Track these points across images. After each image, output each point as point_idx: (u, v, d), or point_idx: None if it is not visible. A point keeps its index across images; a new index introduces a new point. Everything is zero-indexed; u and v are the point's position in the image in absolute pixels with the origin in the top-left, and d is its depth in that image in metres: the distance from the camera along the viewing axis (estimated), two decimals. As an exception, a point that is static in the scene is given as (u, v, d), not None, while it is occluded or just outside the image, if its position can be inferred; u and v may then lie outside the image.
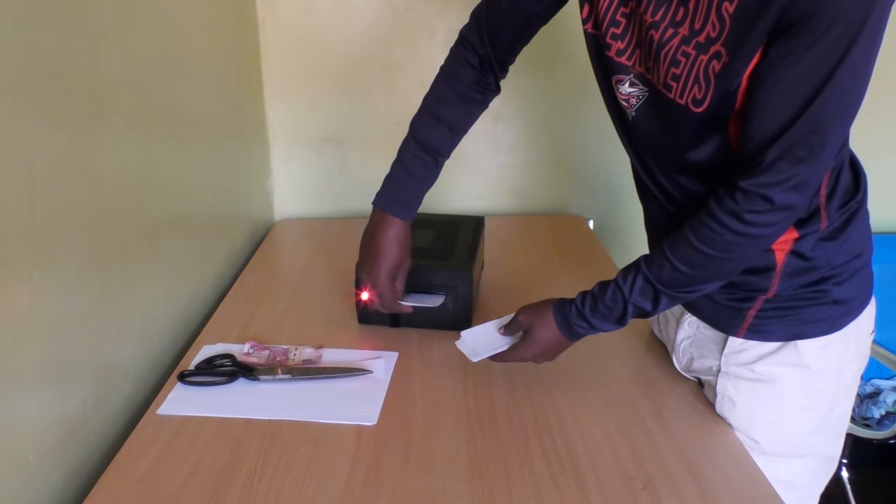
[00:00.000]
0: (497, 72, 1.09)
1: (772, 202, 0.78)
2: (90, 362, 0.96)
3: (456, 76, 1.09)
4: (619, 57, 0.89)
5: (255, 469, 0.91)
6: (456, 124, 1.11)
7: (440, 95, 1.11)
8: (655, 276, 0.88)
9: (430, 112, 1.10)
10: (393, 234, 1.10)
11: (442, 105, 1.10)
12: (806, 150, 0.76)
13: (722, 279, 0.89)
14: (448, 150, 1.12)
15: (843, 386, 0.98)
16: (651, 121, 0.90)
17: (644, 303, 0.90)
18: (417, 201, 1.13)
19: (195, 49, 1.35)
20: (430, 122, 1.10)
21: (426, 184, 1.12)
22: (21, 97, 0.79)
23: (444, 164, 1.13)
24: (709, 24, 0.78)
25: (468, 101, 1.10)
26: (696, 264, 0.86)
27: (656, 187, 0.96)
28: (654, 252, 0.90)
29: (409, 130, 1.11)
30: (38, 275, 0.83)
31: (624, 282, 0.91)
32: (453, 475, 0.90)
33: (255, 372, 1.10)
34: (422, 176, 1.11)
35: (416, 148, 1.10)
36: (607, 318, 0.93)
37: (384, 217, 1.11)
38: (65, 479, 0.90)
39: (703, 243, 0.84)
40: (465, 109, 1.11)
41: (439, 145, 1.10)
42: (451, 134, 1.11)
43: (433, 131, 1.10)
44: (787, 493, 0.92)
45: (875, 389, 1.88)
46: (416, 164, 1.10)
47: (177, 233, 1.26)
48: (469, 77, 1.08)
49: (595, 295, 0.94)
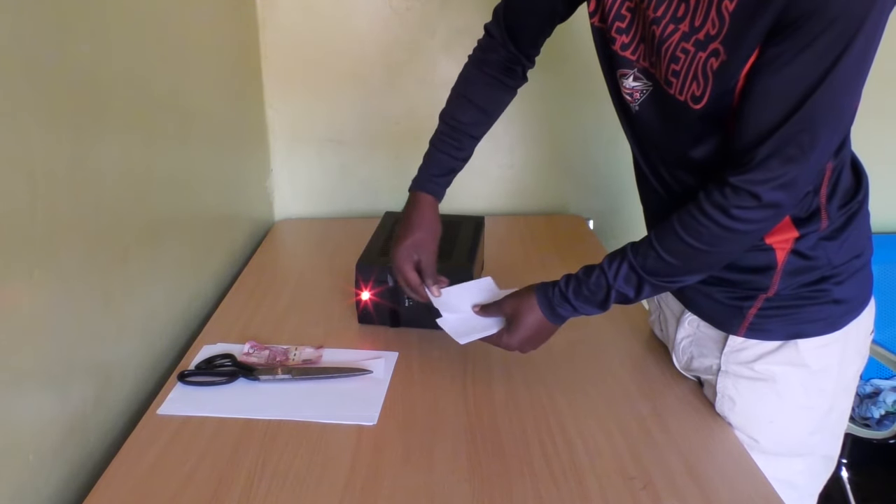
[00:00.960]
0: (524, 62, 1.11)
1: (759, 199, 0.79)
2: (90, 362, 0.96)
3: (484, 61, 1.11)
4: (623, 51, 0.90)
5: (255, 469, 0.91)
6: (485, 105, 1.11)
7: (467, 78, 1.12)
8: (640, 265, 0.89)
9: (460, 95, 1.12)
10: (416, 211, 1.11)
11: (471, 87, 1.11)
12: (796, 150, 0.76)
13: (705, 272, 0.90)
14: (478, 131, 1.12)
15: (842, 385, 0.98)
16: (654, 115, 0.91)
17: (627, 289, 0.91)
18: (446, 179, 1.13)
19: (195, 49, 1.35)
20: (459, 103, 1.11)
21: (455, 162, 1.12)
22: (21, 97, 0.79)
23: (476, 147, 1.13)
24: (708, 22, 0.78)
25: (497, 84, 1.11)
26: (681, 255, 0.86)
27: (657, 181, 0.97)
28: (641, 240, 0.91)
29: (440, 119, 1.12)
30: (38, 275, 0.83)
31: (609, 267, 0.91)
32: (453, 475, 0.90)
33: (255, 372, 1.10)
34: (450, 153, 1.11)
35: (446, 129, 1.11)
36: (589, 302, 0.93)
37: (412, 196, 1.13)
38: (65, 479, 0.90)
39: (690, 235, 0.84)
40: (493, 91, 1.11)
41: (468, 124, 1.11)
42: (481, 114, 1.11)
43: (462, 112, 1.11)
44: (787, 493, 0.91)
45: (875, 389, 1.88)
46: (444, 143, 1.11)
47: (177, 233, 1.26)
48: (496, 61, 1.10)
49: (579, 278, 0.94)
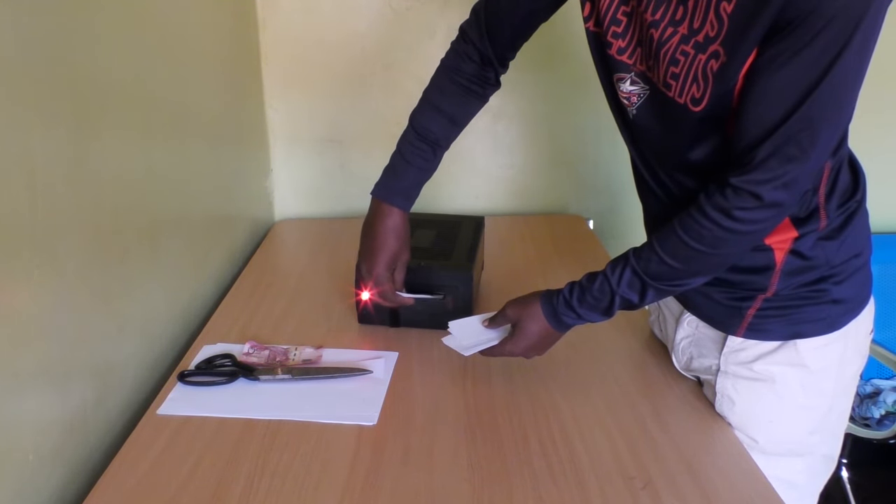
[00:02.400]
0: (497, 67, 1.09)
1: (760, 199, 0.79)
2: (90, 362, 0.96)
3: (456, 69, 1.09)
4: (620, 55, 0.90)
5: (255, 469, 0.91)
6: (455, 116, 1.11)
7: (440, 87, 1.11)
8: (643, 269, 0.89)
9: (430, 103, 1.11)
10: (391, 224, 1.10)
11: (441, 96, 1.10)
12: (797, 149, 0.76)
13: (709, 274, 0.90)
14: (447, 141, 1.12)
15: (842, 385, 0.98)
16: (652, 119, 0.90)
17: (631, 295, 0.90)
18: (416, 192, 1.12)
19: (195, 49, 1.35)
20: (429, 112, 1.10)
21: (425, 174, 1.12)
22: (21, 97, 0.79)
23: (445, 159, 1.13)
24: (707, 24, 0.78)
25: (468, 93, 1.10)
26: (683, 258, 0.86)
27: (657, 184, 0.97)
28: (643, 245, 0.90)
29: (409, 122, 1.11)
30: (38, 275, 0.83)
31: (612, 273, 0.91)
32: (453, 475, 0.90)
33: (255, 372, 1.10)
34: (420, 166, 1.10)
35: (415, 138, 1.10)
36: (594, 309, 0.93)
37: (382, 207, 1.11)
38: (65, 479, 0.90)
39: (692, 238, 0.84)
40: (464, 101, 1.11)
41: (438, 135, 1.10)
42: (451, 125, 1.11)
43: (432, 121, 1.10)
44: (788, 493, 0.92)
45: (875, 389, 1.88)
46: (415, 154, 1.10)
47: (177, 233, 1.26)
48: (469, 70, 1.09)
49: (583, 285, 0.94)
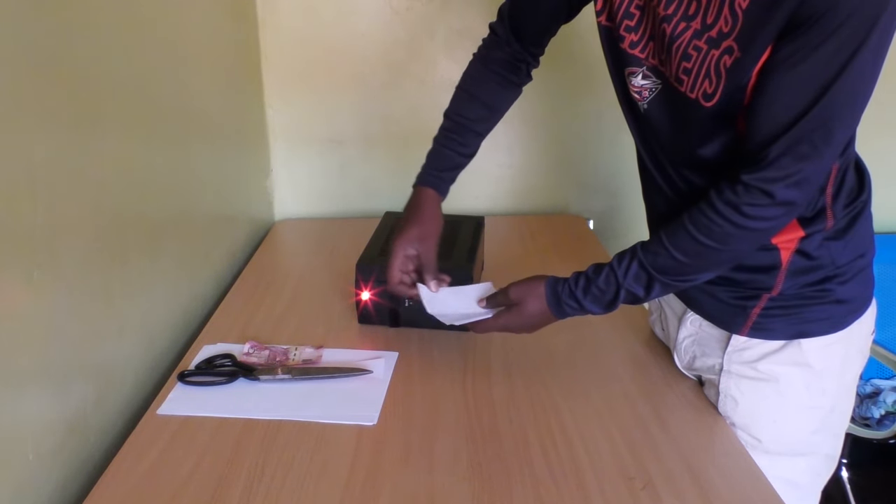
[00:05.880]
0: (529, 60, 1.10)
1: (772, 197, 0.79)
2: (90, 362, 0.96)
3: (489, 58, 1.11)
4: (632, 49, 0.89)
5: (255, 469, 0.91)
6: (490, 102, 1.11)
7: (473, 76, 1.12)
8: (651, 263, 0.88)
9: (465, 91, 1.12)
10: (421, 204, 1.10)
11: (476, 84, 1.11)
12: (810, 147, 0.76)
13: (716, 270, 0.89)
14: (483, 126, 1.12)
15: (844, 385, 0.98)
16: (663, 114, 0.90)
17: (637, 288, 0.90)
18: (451, 174, 1.12)
19: (195, 49, 1.35)
20: (464, 100, 1.11)
21: (461, 157, 1.11)
22: (21, 97, 0.79)
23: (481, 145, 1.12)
24: (721, 19, 0.78)
25: (502, 80, 1.11)
26: (692, 253, 0.86)
27: (664, 179, 0.96)
28: (651, 239, 0.90)
29: (444, 116, 1.12)
30: (38, 275, 0.83)
31: (619, 266, 0.90)
32: (453, 475, 0.90)
33: (255, 372, 1.10)
34: (456, 149, 1.11)
35: (450, 125, 1.11)
36: (598, 301, 0.93)
37: (415, 191, 1.12)
38: (65, 479, 0.90)
39: (702, 233, 0.84)
40: (499, 88, 1.11)
41: (473, 120, 1.10)
42: (486, 110, 1.11)
43: (467, 108, 1.10)
44: (791, 492, 0.92)
45: (875, 389, 1.88)
46: (451, 139, 1.11)
47: (177, 233, 1.26)
48: (502, 60, 1.10)
49: (589, 277, 0.93)
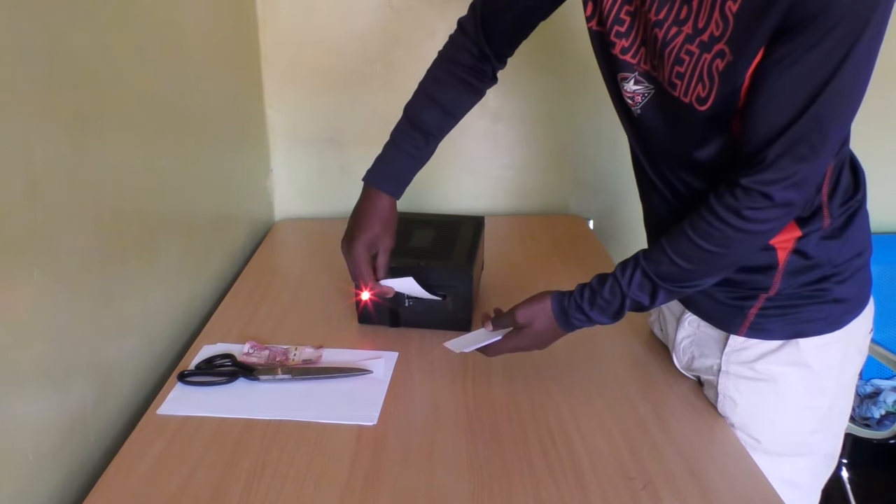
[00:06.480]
0: (494, 63, 1.09)
1: (771, 199, 0.79)
2: (90, 362, 0.96)
3: (453, 60, 1.09)
4: (623, 55, 0.89)
5: (255, 469, 0.91)
6: (449, 106, 1.10)
7: (435, 77, 1.11)
8: (654, 271, 0.88)
9: (425, 93, 1.11)
10: (377, 206, 1.10)
11: (436, 86, 1.10)
12: (807, 148, 0.76)
13: (719, 274, 0.89)
14: (440, 131, 1.11)
15: (843, 384, 0.98)
16: (657, 118, 0.90)
17: (642, 296, 0.90)
18: (405, 178, 1.12)
19: (195, 49, 1.35)
20: (423, 101, 1.10)
21: (416, 161, 1.11)
22: (21, 97, 0.79)
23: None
24: (712, 23, 0.78)
25: (463, 85, 1.10)
26: (694, 259, 0.86)
27: (661, 182, 0.96)
28: (652, 246, 0.90)
29: (403, 112, 1.11)
30: (38, 275, 0.83)
31: (622, 275, 0.91)
32: (453, 475, 0.90)
33: (255, 372, 1.10)
34: (411, 153, 1.10)
35: (407, 126, 1.10)
36: (605, 312, 0.93)
37: (369, 191, 1.11)
38: (65, 479, 0.90)
39: (702, 238, 0.84)
40: (459, 92, 1.10)
41: (430, 124, 1.09)
42: (445, 115, 1.10)
43: (426, 111, 1.09)
44: (791, 492, 0.92)
45: (875, 389, 1.88)
46: (407, 142, 1.10)
47: (177, 232, 1.26)
48: (466, 62, 1.08)
49: (593, 288, 0.93)
